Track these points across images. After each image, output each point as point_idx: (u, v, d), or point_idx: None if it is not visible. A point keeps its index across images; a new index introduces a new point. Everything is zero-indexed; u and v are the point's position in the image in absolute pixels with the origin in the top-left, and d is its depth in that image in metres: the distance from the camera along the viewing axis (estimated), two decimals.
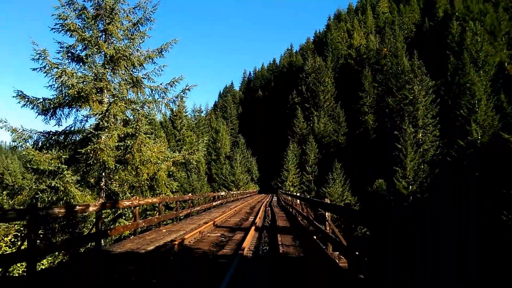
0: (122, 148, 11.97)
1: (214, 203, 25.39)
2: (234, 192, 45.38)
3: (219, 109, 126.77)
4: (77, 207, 7.09)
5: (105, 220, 11.79)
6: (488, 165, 38.93)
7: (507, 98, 44.20)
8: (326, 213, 7.70)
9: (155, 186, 13.24)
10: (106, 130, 11.52)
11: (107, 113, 11.32)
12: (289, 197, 22.79)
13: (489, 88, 45.26)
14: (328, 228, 7.73)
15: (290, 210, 19.73)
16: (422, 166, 45.37)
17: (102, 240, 8.31)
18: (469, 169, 40.49)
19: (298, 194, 17.52)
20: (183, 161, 14.17)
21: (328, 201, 7.91)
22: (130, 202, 9.71)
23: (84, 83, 11.65)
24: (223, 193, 30.85)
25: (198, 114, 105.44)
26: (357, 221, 5.01)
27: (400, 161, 45.99)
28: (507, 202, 30.48)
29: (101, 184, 12.63)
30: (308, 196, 52.39)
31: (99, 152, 10.83)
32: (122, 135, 12.31)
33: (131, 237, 9.96)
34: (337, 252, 7.54)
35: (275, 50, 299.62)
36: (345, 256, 5.64)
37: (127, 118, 13.28)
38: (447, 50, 56.98)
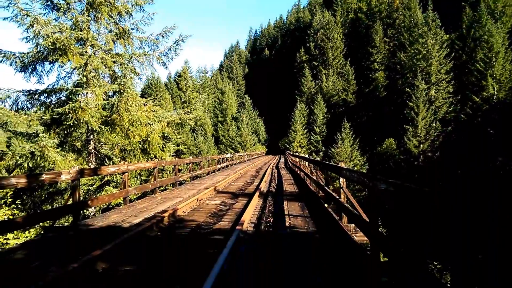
0: (107, 107, 10.74)
1: (218, 166, 24.43)
2: (241, 154, 44.46)
3: (224, 70, 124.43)
4: (44, 176, 5.95)
5: (90, 188, 10.77)
6: (504, 122, 37.43)
7: None
8: (341, 179, 6.49)
9: (148, 150, 12.09)
10: (85, 86, 10.24)
11: (86, 67, 9.96)
12: (297, 159, 21.66)
13: (507, 41, 42.85)
14: (342, 197, 6.56)
15: (298, 172, 18.65)
16: (434, 124, 44.21)
17: (82, 211, 7.26)
18: (484, 126, 39.03)
19: (306, 155, 16.34)
20: (179, 121, 12.92)
21: (344, 165, 6.68)
22: (117, 168, 8.57)
23: (61, 33, 10.21)
24: (228, 155, 29.83)
25: (203, 74, 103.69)
26: (391, 198, 3.78)
27: (411, 119, 44.86)
28: None
29: (90, 148, 11.50)
30: (316, 157, 51.40)
31: (79, 112, 9.57)
32: (111, 93, 11.02)
33: (121, 206, 8.94)
34: (353, 224, 6.41)
35: (282, 6, 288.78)
36: (367, 235, 4.48)
37: (117, 75, 11.89)
38: (462, 1, 53.94)
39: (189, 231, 6.15)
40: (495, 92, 40.11)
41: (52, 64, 11.28)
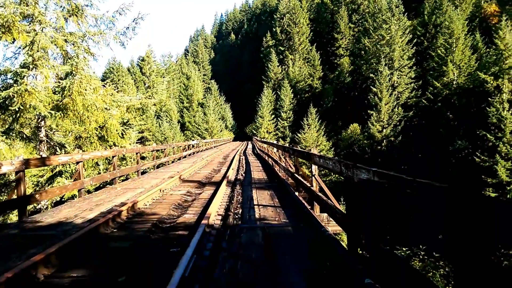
0: (58, 90, 9.78)
1: (184, 153, 23.69)
2: (208, 140, 43.68)
3: (190, 54, 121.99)
4: None
5: (40, 180, 9.88)
6: (463, 106, 38.73)
7: (483, 37, 43.36)
8: (313, 167, 6.12)
9: (106, 137, 11.23)
10: (32, 67, 9.25)
11: (32, 46, 8.97)
12: (265, 145, 21.33)
13: (466, 27, 44.15)
14: (315, 185, 6.19)
15: (266, 158, 18.31)
16: (396, 109, 45.20)
17: (29, 206, 6.52)
18: (444, 110, 40.20)
19: (275, 142, 15.94)
20: (140, 106, 12.08)
21: (316, 151, 6.31)
22: (70, 157, 7.79)
23: (4, 8, 9.10)
24: (194, 142, 29.07)
25: (168, 59, 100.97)
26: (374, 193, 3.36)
27: (375, 105, 45.66)
28: (480, 144, 30.35)
29: (41, 135, 10.51)
30: (283, 143, 51.40)
31: (26, 96, 8.65)
32: (63, 76, 10.01)
33: (76, 199, 8.21)
34: (325, 214, 6.08)
35: None
36: (344, 228, 4.12)
37: (70, 55, 10.87)
38: None
39: (150, 226, 5.58)
40: (455, 78, 41.29)
41: None
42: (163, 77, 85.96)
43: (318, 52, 66.42)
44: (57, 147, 11.05)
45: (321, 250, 4.26)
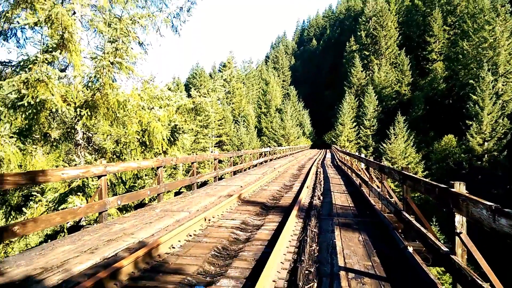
0: (87, 83, 7.85)
1: (255, 161, 21.46)
2: (284, 147, 41.37)
3: (270, 61, 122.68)
4: None
5: (54, 197, 7.98)
6: None
7: None
8: (458, 216, 3.21)
9: (149, 143, 9.13)
10: (50, 50, 7.41)
11: (51, 25, 7.04)
12: (347, 157, 18.23)
13: None
14: (460, 253, 3.26)
15: (350, 173, 15.28)
16: (501, 120, 39.51)
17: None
18: None
19: (355, 151, 12.80)
20: (193, 106, 9.86)
21: (464, 189, 3.38)
22: (83, 171, 5.65)
23: None
24: (267, 149, 26.74)
25: (248, 64, 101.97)
26: None
27: (475, 114, 40.64)
28: None
29: (77, 138, 8.72)
30: (366, 153, 47.10)
31: (38, 87, 6.80)
32: (97, 66, 8.06)
33: (91, 227, 6.07)
34: None
35: None
36: None
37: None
38: None
39: None
40: None
41: (33, 29, 8.60)
42: (245, 85, 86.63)
43: (407, 57, 61.10)
44: (98, 152, 9.23)
45: None
